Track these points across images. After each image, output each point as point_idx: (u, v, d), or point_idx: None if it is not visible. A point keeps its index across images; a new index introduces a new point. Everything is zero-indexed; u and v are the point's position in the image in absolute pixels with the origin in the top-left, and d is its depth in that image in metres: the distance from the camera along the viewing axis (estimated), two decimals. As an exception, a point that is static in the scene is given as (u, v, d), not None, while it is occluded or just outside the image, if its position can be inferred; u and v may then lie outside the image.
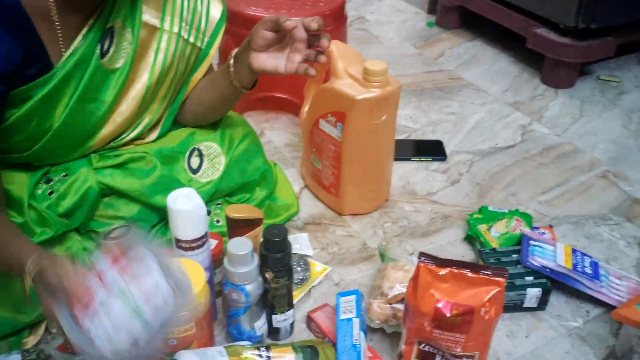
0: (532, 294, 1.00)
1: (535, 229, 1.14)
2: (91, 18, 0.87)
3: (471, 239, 1.15)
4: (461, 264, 0.80)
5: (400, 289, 0.94)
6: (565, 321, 1.01)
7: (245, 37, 0.96)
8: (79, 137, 0.93)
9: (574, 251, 1.06)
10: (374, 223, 1.21)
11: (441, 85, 1.70)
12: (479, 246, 1.12)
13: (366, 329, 0.93)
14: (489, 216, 1.17)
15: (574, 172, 1.36)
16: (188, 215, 0.84)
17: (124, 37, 0.90)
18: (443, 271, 0.80)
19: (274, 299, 0.91)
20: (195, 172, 1.04)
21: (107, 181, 0.95)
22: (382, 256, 1.06)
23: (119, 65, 0.91)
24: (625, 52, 1.81)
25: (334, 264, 1.10)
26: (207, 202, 1.05)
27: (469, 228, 1.16)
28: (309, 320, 0.97)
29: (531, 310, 1.02)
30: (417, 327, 0.82)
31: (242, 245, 0.85)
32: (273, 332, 0.94)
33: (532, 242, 1.07)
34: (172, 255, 0.86)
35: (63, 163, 0.95)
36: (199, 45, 1.01)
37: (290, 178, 1.28)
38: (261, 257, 0.88)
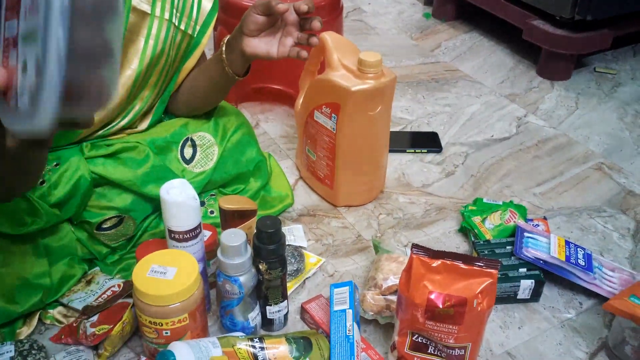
0: (526, 286, 1.00)
1: (530, 220, 1.14)
2: None
3: (465, 230, 1.15)
4: (454, 256, 0.80)
5: (393, 281, 0.94)
6: (558, 313, 1.01)
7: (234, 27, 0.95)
8: None
9: (567, 243, 1.06)
10: (369, 214, 1.21)
11: (437, 77, 1.70)
12: (473, 238, 1.12)
13: (360, 320, 0.93)
14: (484, 208, 1.17)
15: (569, 164, 1.36)
16: (181, 206, 0.84)
17: None
18: (436, 263, 0.80)
19: (267, 290, 0.91)
20: (188, 162, 1.03)
21: (99, 170, 0.95)
22: (376, 248, 1.06)
23: None
24: (622, 44, 1.81)
25: (329, 256, 1.11)
26: (200, 193, 1.05)
27: (463, 220, 1.16)
28: (303, 312, 0.97)
29: (525, 301, 1.02)
30: (410, 319, 0.82)
31: (235, 237, 0.85)
32: (267, 323, 0.94)
33: (526, 234, 1.07)
34: None
35: (53, 151, 0.94)
36: (190, 33, 1.00)
37: (285, 169, 1.28)
38: (255, 248, 0.88)
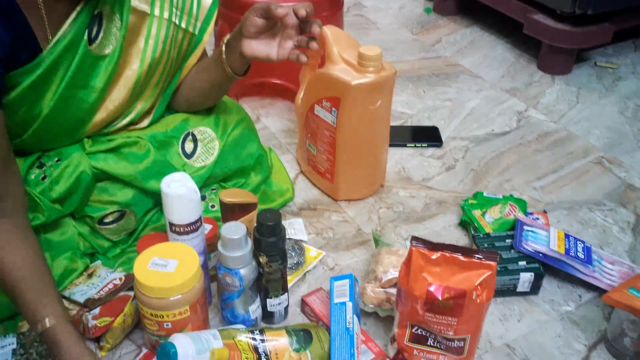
0: (525, 279, 1.01)
1: (530, 214, 1.15)
2: (79, 4, 0.87)
3: (465, 224, 1.16)
4: (453, 248, 0.81)
5: (393, 274, 0.94)
6: (558, 305, 1.01)
7: (237, 22, 0.96)
8: (70, 124, 0.93)
9: (567, 236, 1.06)
10: (369, 208, 1.21)
11: (438, 71, 1.70)
12: (473, 231, 1.12)
13: (360, 313, 0.94)
14: (484, 202, 1.18)
15: (569, 158, 1.36)
16: (182, 199, 0.85)
17: (113, 23, 0.90)
18: (435, 255, 0.80)
19: (268, 283, 0.91)
20: (189, 156, 1.04)
21: (100, 165, 0.95)
22: (376, 241, 1.06)
23: (107, 51, 0.91)
24: (622, 38, 1.81)
25: (329, 249, 1.11)
26: (201, 187, 1.06)
27: (463, 213, 1.16)
28: (303, 304, 0.98)
29: (524, 294, 1.03)
30: (409, 311, 0.83)
31: (235, 229, 0.85)
32: (267, 315, 0.95)
33: (526, 227, 1.07)
34: None
35: (55, 148, 0.95)
36: (192, 31, 1.00)
37: (285, 164, 1.29)
38: (255, 241, 0.88)
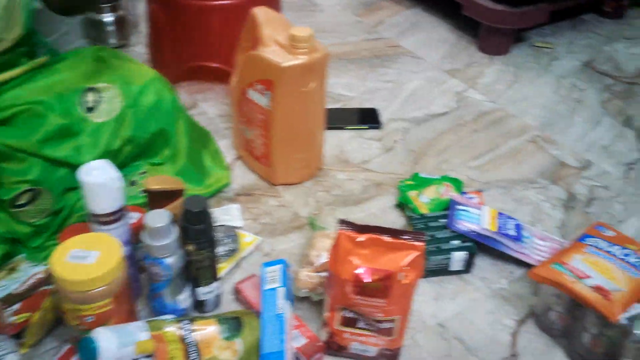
0: (458, 258, 1.02)
1: (464, 194, 1.16)
2: None
3: (402, 205, 1.16)
4: (380, 230, 0.80)
5: (326, 258, 0.94)
6: (490, 283, 1.03)
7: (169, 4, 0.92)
8: None
9: (499, 214, 1.08)
10: (307, 192, 1.20)
11: (380, 53, 1.69)
12: (409, 212, 1.13)
13: (293, 298, 0.93)
14: (420, 183, 1.18)
15: (506, 138, 1.38)
16: (102, 187, 0.82)
17: None
18: (362, 237, 0.80)
19: (197, 271, 0.90)
20: (89, 110, 0.99)
21: None
22: (312, 225, 1.05)
23: None
24: (559, 19, 1.84)
25: (265, 234, 1.10)
26: (125, 166, 1.02)
27: (400, 195, 1.17)
28: (237, 292, 0.96)
29: (458, 273, 1.04)
30: (338, 294, 0.82)
31: (159, 217, 0.83)
32: (199, 305, 0.93)
33: (459, 207, 1.08)
34: None
35: None
36: None
37: (223, 149, 1.26)
38: (182, 229, 0.86)
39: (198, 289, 0.91)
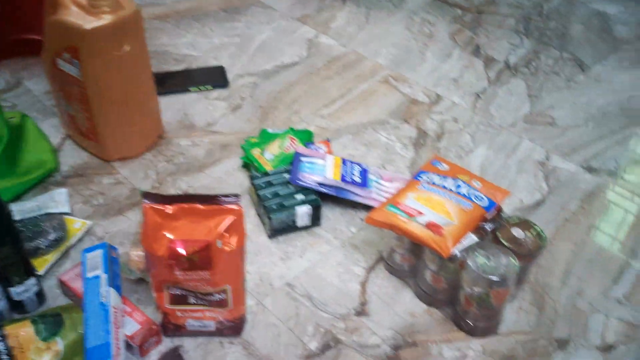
0: (303, 212, 0.97)
1: (311, 144, 1.11)
2: None
3: (247, 165, 1.10)
4: (191, 198, 0.74)
5: (156, 233, 0.86)
6: (340, 233, 1.00)
7: None
8: None
9: (343, 162, 1.04)
10: (146, 164, 1.11)
11: (226, 6, 1.59)
12: (253, 171, 1.07)
13: (121, 282, 0.86)
14: (266, 139, 1.12)
15: (357, 81, 1.34)
16: None
17: None
18: (171, 209, 0.73)
19: (5, 270, 0.80)
20: None
21: None
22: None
23: None
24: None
25: (98, 217, 1.01)
26: None
27: (243, 154, 1.10)
28: (62, 284, 0.88)
29: (307, 228, 1.00)
30: (160, 273, 0.76)
31: None
32: (16, 306, 0.84)
33: (303, 159, 1.04)
34: None
35: None
36: None
37: (51, 129, 1.15)
38: (-26, 227, 0.76)
39: (11, 289, 0.82)
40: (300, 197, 0.99)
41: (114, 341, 0.77)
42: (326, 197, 1.02)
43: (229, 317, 0.81)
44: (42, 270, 0.90)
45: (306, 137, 1.13)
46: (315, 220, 0.99)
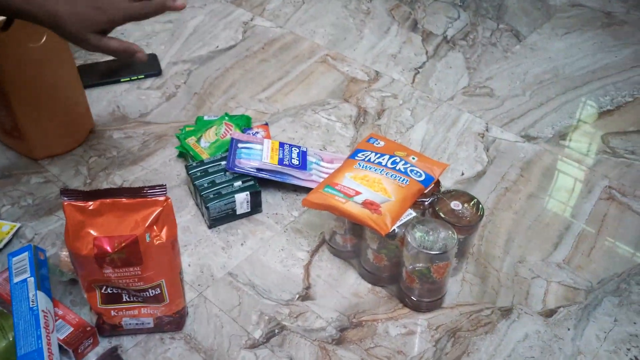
0: (241, 199, 0.95)
1: (248, 130, 1.09)
2: None
3: (184, 155, 1.07)
4: (114, 192, 0.70)
5: (86, 231, 0.83)
6: (282, 218, 0.98)
7: None
8: None
9: (281, 145, 1.02)
10: (77, 160, 1.07)
11: (158, -8, 1.54)
12: (190, 161, 1.04)
13: (49, 284, 0.82)
14: (202, 126, 1.09)
15: (295, 62, 1.31)
16: None
17: None
18: (93, 204, 0.70)
19: None
20: None
21: None
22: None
23: None
24: None
25: (27, 218, 0.96)
26: None
27: (179, 144, 1.07)
28: (-11, 292, 0.83)
29: (247, 215, 0.98)
30: (88, 272, 0.72)
31: None
32: (-61, 318, 0.79)
33: (240, 145, 1.01)
34: None
35: None
36: None
37: (-27, 130, 1.08)
38: None
39: None
40: (238, 184, 0.96)
41: (47, 346, 0.73)
42: (266, 182, 1.00)
43: (168, 312, 0.79)
44: (-34, 279, 0.85)
45: (244, 122, 1.11)
46: (256, 206, 0.97)
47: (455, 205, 0.85)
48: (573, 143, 1.13)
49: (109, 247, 0.69)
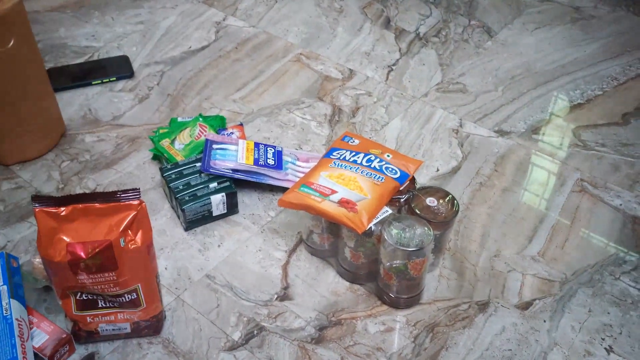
0: (217, 201, 0.94)
1: (223, 130, 1.08)
2: None
3: (159, 157, 1.06)
4: (86, 197, 0.69)
5: (59, 237, 0.81)
6: (259, 219, 0.98)
7: None
8: None
9: (256, 145, 1.02)
10: (49, 165, 1.05)
11: (128, -8, 1.52)
12: (165, 163, 1.03)
13: (24, 292, 0.80)
14: (176, 128, 1.08)
15: (269, 62, 1.31)
16: None
17: None
18: (65, 210, 0.69)
19: None
20: None
21: None
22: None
23: None
24: None
25: (0, 225, 0.94)
26: None
27: (153, 147, 1.06)
28: (-41, 302, 0.82)
29: (224, 216, 0.97)
30: (61, 279, 0.71)
31: None
32: None
33: (215, 146, 1.00)
34: None
35: None
36: None
37: (-60, 136, 1.06)
38: None
39: None
40: (213, 185, 0.95)
41: (22, 355, 0.72)
42: (242, 183, 0.99)
43: (145, 317, 0.78)
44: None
45: (218, 122, 1.10)
46: (232, 207, 0.97)
47: (431, 201, 0.85)
48: (545, 137, 1.15)
49: (82, 253, 0.68)
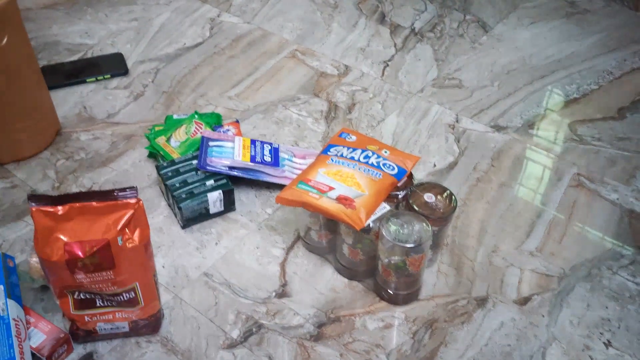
0: (214, 198, 0.94)
1: (219, 127, 1.07)
2: None
3: (155, 155, 1.05)
4: (83, 196, 0.69)
5: (55, 236, 0.81)
6: (256, 216, 0.97)
7: None
8: None
9: (252, 142, 1.01)
10: (44, 164, 1.04)
11: (122, -11, 1.51)
12: (161, 161, 1.02)
13: (20, 292, 0.80)
14: (172, 125, 1.07)
15: (264, 58, 1.30)
16: None
17: None
18: (62, 209, 0.68)
19: None
20: None
21: None
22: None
23: None
24: None
25: (-6, 225, 0.94)
26: None
27: (148, 144, 1.05)
28: (-45, 303, 0.81)
29: (221, 214, 0.97)
30: (59, 278, 0.71)
31: None
32: None
33: (211, 143, 1.00)
34: None
35: None
36: None
37: None
38: None
39: None
40: (210, 183, 0.95)
41: (19, 356, 0.72)
42: (239, 180, 0.99)
43: (143, 316, 0.78)
44: None
45: (214, 120, 1.09)
46: (229, 205, 0.96)
47: (429, 197, 0.85)
48: (541, 132, 1.15)
49: (80, 252, 0.68)
